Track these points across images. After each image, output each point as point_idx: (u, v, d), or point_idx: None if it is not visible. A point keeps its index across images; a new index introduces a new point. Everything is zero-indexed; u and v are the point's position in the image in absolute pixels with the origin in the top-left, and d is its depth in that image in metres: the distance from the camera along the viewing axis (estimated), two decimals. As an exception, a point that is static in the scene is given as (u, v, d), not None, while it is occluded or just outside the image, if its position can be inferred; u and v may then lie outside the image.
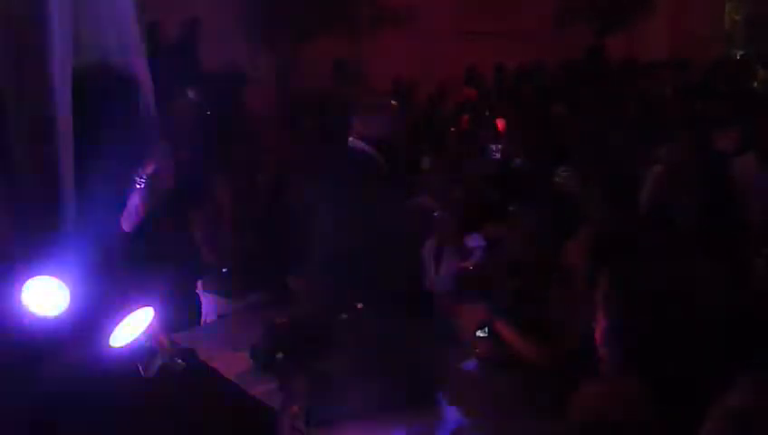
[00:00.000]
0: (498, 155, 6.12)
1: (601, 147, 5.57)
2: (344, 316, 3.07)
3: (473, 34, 10.37)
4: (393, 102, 3.60)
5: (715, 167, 4.38)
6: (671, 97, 8.10)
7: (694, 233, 3.49)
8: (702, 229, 3.51)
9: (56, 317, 2.16)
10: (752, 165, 4.53)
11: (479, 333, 3.08)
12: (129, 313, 2.29)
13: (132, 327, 2.31)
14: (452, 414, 2.78)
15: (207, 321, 4.08)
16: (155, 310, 2.36)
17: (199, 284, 4.18)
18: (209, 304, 4.15)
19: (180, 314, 3.51)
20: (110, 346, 2.25)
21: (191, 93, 6.42)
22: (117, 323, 2.26)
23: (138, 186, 3.12)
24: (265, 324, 3.18)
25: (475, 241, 4.08)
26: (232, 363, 3.08)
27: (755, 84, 9.12)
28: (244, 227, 4.57)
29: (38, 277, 2.18)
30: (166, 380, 2.39)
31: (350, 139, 3.49)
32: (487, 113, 7.49)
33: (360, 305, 3.10)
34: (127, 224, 3.17)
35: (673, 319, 2.39)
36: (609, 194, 4.32)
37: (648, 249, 3.37)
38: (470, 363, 3.16)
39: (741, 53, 13.40)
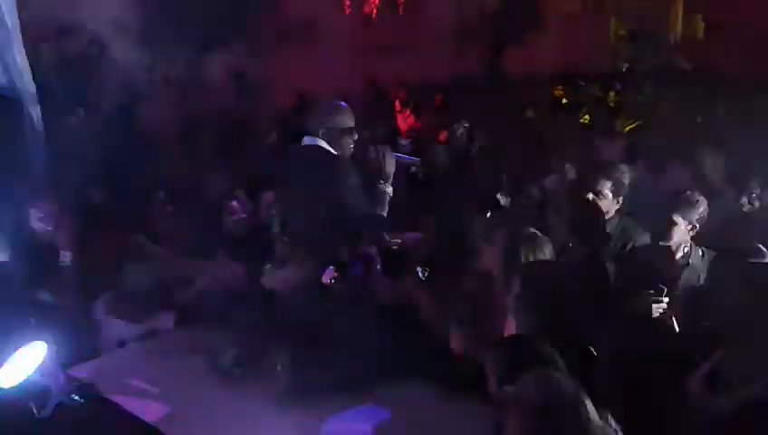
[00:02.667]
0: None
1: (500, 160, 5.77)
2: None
3: (373, 48, 10.51)
4: (344, 104, 3.65)
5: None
6: (560, 110, 8.48)
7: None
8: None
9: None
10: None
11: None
12: (17, 348, 2.15)
13: (23, 364, 2.17)
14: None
15: (110, 350, 3.89)
16: (48, 343, 2.23)
17: (100, 308, 4.00)
18: (112, 331, 3.97)
19: (78, 345, 3.31)
20: (-2, 386, 2.11)
21: (82, 111, 6.19)
22: (4, 361, 2.12)
23: None
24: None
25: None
26: (138, 397, 2.92)
27: (640, 97, 9.70)
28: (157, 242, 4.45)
29: None
30: (62, 419, 2.25)
31: (308, 138, 3.52)
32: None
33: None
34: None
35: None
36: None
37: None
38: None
39: (626, 65, 14.29)
